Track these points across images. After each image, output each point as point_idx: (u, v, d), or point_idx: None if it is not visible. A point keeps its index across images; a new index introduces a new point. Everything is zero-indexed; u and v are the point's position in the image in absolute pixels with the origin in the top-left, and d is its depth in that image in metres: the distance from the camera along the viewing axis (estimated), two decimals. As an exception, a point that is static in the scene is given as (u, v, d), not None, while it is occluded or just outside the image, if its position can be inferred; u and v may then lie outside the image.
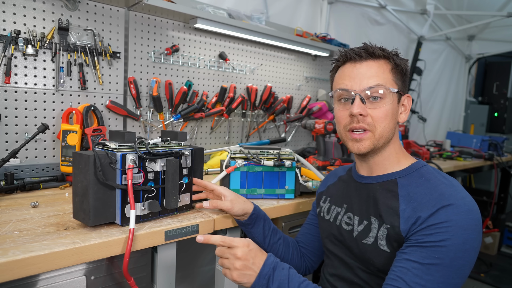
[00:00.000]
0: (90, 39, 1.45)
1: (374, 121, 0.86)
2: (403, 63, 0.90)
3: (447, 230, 0.72)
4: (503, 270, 3.16)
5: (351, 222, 0.93)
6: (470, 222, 0.73)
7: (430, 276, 0.72)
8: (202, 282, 1.97)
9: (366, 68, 0.87)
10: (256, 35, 1.88)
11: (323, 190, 1.13)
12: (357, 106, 0.85)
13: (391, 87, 0.87)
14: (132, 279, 0.87)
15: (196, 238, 0.83)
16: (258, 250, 0.82)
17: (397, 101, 0.89)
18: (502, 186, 3.50)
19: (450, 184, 0.80)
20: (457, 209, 0.73)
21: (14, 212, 0.99)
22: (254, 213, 1.05)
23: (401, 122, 0.92)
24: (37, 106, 1.36)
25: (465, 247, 0.72)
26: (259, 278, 0.77)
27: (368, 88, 0.86)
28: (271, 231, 1.08)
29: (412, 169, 0.88)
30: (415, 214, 0.77)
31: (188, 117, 1.78)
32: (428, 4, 3.17)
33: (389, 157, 0.91)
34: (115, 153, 0.89)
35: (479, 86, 4.51)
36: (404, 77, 0.91)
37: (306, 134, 2.44)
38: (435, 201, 0.76)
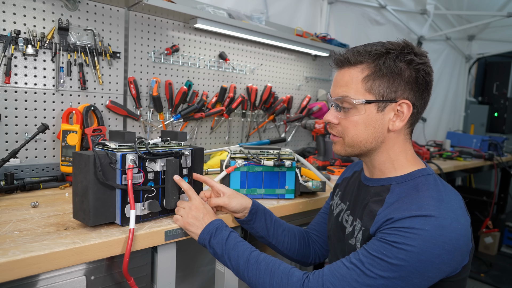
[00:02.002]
0: (90, 39, 1.45)
1: (343, 130, 0.87)
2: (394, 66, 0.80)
3: (405, 235, 0.71)
4: (503, 270, 3.16)
5: (349, 220, 0.94)
6: (435, 237, 0.70)
7: (370, 265, 0.73)
8: (202, 282, 1.98)
9: (340, 76, 0.86)
10: (256, 35, 1.88)
11: (339, 183, 1.12)
12: (329, 114, 0.88)
13: (361, 97, 0.81)
14: (132, 279, 0.87)
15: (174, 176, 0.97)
16: (211, 212, 0.98)
17: (377, 110, 0.82)
18: (502, 186, 3.50)
19: (438, 198, 0.76)
20: (425, 220, 0.71)
21: (14, 212, 0.99)
22: (253, 208, 1.05)
23: (393, 130, 0.84)
24: (37, 106, 1.36)
25: (420, 258, 0.70)
26: (203, 233, 0.92)
27: (335, 99, 0.86)
28: (274, 223, 1.08)
29: (410, 177, 0.84)
30: (388, 216, 0.77)
31: (188, 117, 1.78)
32: (428, 4, 3.16)
33: (384, 163, 0.88)
34: (115, 153, 0.89)
35: (479, 86, 4.51)
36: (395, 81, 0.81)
37: (306, 134, 2.44)
38: (411, 210, 0.74)
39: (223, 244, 0.89)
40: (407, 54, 0.81)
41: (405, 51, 0.81)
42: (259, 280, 0.83)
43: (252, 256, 0.86)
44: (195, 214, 0.95)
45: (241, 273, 0.87)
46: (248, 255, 0.87)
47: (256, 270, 0.84)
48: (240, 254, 0.87)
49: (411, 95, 0.82)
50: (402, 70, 0.80)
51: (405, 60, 0.80)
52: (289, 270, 0.82)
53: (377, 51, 0.81)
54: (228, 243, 0.89)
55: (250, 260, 0.86)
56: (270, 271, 0.82)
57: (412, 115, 0.84)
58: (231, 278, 1.16)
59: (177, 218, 0.98)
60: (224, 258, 0.89)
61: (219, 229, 0.92)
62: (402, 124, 0.84)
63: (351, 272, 0.75)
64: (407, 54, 0.81)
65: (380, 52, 0.81)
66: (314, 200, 1.35)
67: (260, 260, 0.85)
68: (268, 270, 0.83)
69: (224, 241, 0.90)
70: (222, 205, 1.04)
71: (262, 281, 0.83)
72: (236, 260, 0.87)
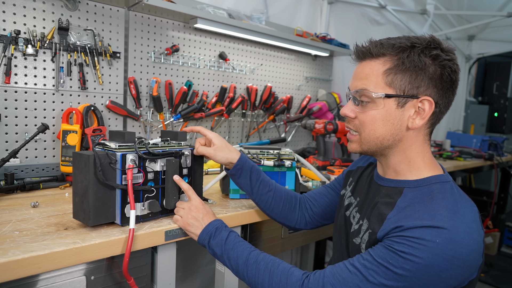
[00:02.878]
0: (90, 39, 1.45)
1: (360, 124, 0.84)
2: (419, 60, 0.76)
3: (414, 245, 0.68)
4: (503, 270, 3.16)
5: (356, 217, 0.92)
6: (445, 251, 0.66)
7: (374, 272, 0.71)
8: (202, 282, 1.98)
9: (361, 68, 0.83)
10: (256, 35, 1.88)
11: (352, 169, 1.09)
12: (346, 107, 0.85)
13: (381, 91, 0.78)
14: (132, 279, 0.87)
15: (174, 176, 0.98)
16: (211, 213, 0.98)
17: (397, 105, 0.79)
18: (502, 186, 3.49)
19: (453, 209, 0.72)
20: (437, 232, 0.67)
21: (14, 212, 0.99)
22: (238, 164, 1.03)
23: (412, 127, 0.80)
24: (37, 106, 1.36)
25: (427, 270, 0.67)
26: (203, 233, 0.93)
27: (354, 92, 0.83)
28: (260, 183, 1.06)
29: (425, 183, 0.80)
30: (398, 222, 0.73)
31: (188, 117, 1.78)
32: (428, 4, 3.16)
33: (399, 163, 0.84)
34: (115, 153, 0.89)
35: (479, 86, 4.51)
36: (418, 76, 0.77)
37: (306, 134, 2.44)
38: (423, 220, 0.70)
39: (223, 245, 0.90)
40: (433, 49, 0.77)
41: (431, 46, 0.77)
42: (258, 280, 0.83)
43: (251, 256, 0.86)
44: (195, 215, 0.95)
45: (240, 273, 0.87)
46: (247, 255, 0.86)
47: (256, 270, 0.84)
48: (239, 254, 0.87)
49: (435, 92, 0.78)
50: (426, 65, 0.76)
51: (430, 55, 0.77)
52: (289, 269, 0.81)
53: (402, 44, 0.78)
54: (227, 244, 0.89)
55: (249, 260, 0.85)
56: (269, 271, 0.82)
57: (433, 114, 0.79)
58: (231, 278, 1.16)
59: (176, 219, 0.98)
60: (224, 258, 0.89)
61: (219, 229, 0.92)
62: (422, 122, 0.79)
63: (354, 276, 0.73)
64: (433, 49, 0.77)
65: (405, 45, 0.78)
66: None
67: (260, 260, 0.85)
68: (267, 269, 0.83)
69: (223, 242, 0.90)
70: (207, 156, 1.03)
71: (262, 281, 0.82)
72: (236, 260, 0.87)
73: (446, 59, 0.77)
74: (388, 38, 0.82)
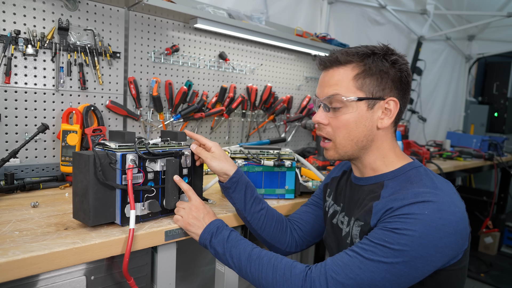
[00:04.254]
0: (90, 39, 1.45)
1: (333, 130, 0.88)
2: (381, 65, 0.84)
3: (405, 220, 0.73)
4: (503, 270, 3.16)
5: (344, 221, 0.95)
6: (435, 220, 0.72)
7: (372, 252, 0.74)
8: (202, 282, 1.98)
9: (330, 76, 0.88)
10: (256, 35, 1.88)
11: (327, 182, 1.13)
12: (317, 115, 0.89)
13: (353, 95, 0.84)
14: (132, 279, 0.87)
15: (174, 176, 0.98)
16: (211, 213, 0.98)
17: (367, 107, 0.85)
18: (502, 186, 3.49)
19: (432, 186, 0.79)
20: (424, 205, 0.73)
21: (14, 212, 0.99)
22: (234, 176, 1.02)
23: (382, 127, 0.87)
24: (37, 106, 1.36)
25: (422, 241, 0.71)
26: (204, 233, 0.93)
27: (325, 98, 0.87)
28: (253, 200, 1.05)
29: (401, 171, 0.87)
30: (387, 206, 0.78)
31: (188, 117, 1.78)
32: (428, 4, 3.16)
33: (375, 161, 0.90)
34: (115, 153, 0.89)
35: (479, 86, 4.51)
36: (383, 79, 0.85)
37: (306, 134, 2.44)
38: (409, 199, 0.76)
39: (224, 243, 0.90)
40: (391, 55, 0.86)
41: (389, 52, 0.86)
42: (262, 274, 0.83)
43: (253, 252, 0.87)
44: (196, 215, 0.95)
45: (243, 270, 0.86)
46: (250, 251, 0.87)
47: (259, 265, 0.84)
48: (241, 251, 0.87)
49: (396, 93, 0.87)
50: (389, 69, 0.85)
51: (391, 60, 0.85)
52: (292, 263, 0.82)
53: (364, 52, 0.86)
54: (229, 241, 0.90)
55: (252, 256, 0.86)
56: (272, 265, 0.82)
57: (398, 113, 0.88)
58: (231, 278, 1.16)
59: (177, 219, 0.98)
60: (226, 256, 0.89)
61: (220, 228, 0.93)
62: (390, 121, 0.87)
63: (354, 259, 0.75)
64: (391, 55, 0.86)
65: (367, 52, 0.85)
66: (314, 200, 1.35)
67: (262, 256, 0.85)
68: (270, 264, 0.83)
69: (225, 240, 0.90)
70: (203, 159, 1.02)
71: (265, 275, 0.82)
72: (238, 257, 0.87)
73: (403, 63, 0.87)
74: (348, 48, 0.90)
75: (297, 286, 0.78)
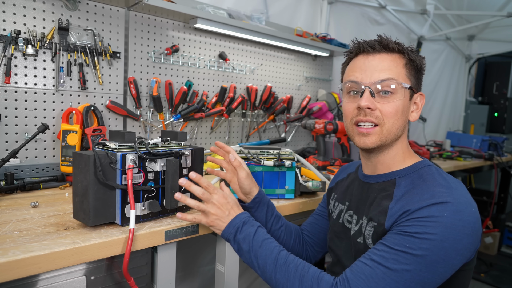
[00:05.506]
0: (90, 39, 1.45)
1: (383, 116, 0.83)
2: (419, 60, 0.87)
3: (426, 224, 0.71)
4: (503, 270, 3.16)
5: (351, 220, 0.93)
6: (455, 222, 0.70)
7: (395, 261, 0.71)
8: (202, 282, 1.98)
9: (379, 60, 0.84)
10: (256, 35, 1.88)
11: (332, 186, 1.12)
12: (366, 99, 0.82)
13: (404, 82, 0.83)
14: (132, 279, 0.87)
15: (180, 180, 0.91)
16: (234, 204, 0.93)
17: (409, 98, 0.86)
18: (502, 186, 3.50)
19: (447, 185, 0.77)
20: (443, 207, 0.71)
21: (14, 212, 0.99)
22: (258, 196, 1.04)
23: (412, 120, 0.88)
24: (37, 106, 1.36)
25: (443, 245, 0.69)
26: (229, 227, 0.88)
27: (379, 82, 0.82)
28: (274, 218, 1.07)
29: (413, 169, 0.85)
30: (403, 208, 0.76)
31: (188, 117, 1.78)
32: (428, 4, 3.16)
33: (395, 156, 0.88)
34: (115, 153, 0.89)
35: (479, 86, 4.51)
36: (418, 74, 0.88)
37: (306, 134, 2.44)
38: (426, 200, 0.74)
39: (250, 240, 0.85)
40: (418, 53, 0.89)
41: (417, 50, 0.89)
42: (288, 282, 0.79)
43: (280, 256, 0.83)
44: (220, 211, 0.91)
45: (267, 274, 0.83)
46: (277, 255, 0.83)
47: (285, 272, 0.80)
48: (268, 253, 0.83)
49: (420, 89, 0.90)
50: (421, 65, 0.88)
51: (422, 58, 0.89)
52: (319, 274, 0.79)
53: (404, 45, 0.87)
54: (256, 239, 0.85)
55: (278, 261, 0.82)
56: (299, 275, 0.79)
57: None
58: (231, 278, 1.16)
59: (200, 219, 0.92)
60: (251, 255, 0.85)
61: (246, 223, 0.89)
62: (418, 115, 0.89)
63: (376, 270, 0.72)
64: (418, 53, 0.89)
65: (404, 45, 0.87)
66: (314, 200, 1.35)
67: (289, 262, 0.82)
68: (297, 273, 0.79)
69: (251, 237, 0.86)
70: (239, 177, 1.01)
71: (292, 283, 0.79)
72: (264, 259, 0.83)
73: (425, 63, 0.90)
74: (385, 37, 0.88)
75: None
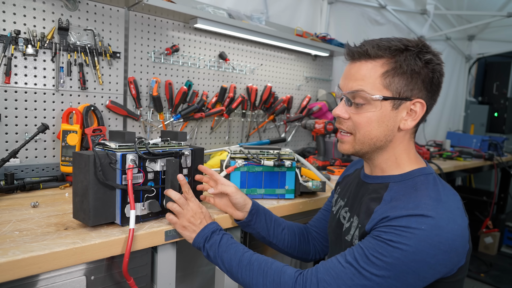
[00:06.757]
0: (90, 39, 1.45)
1: (354, 126, 0.84)
2: (414, 64, 0.78)
3: (401, 234, 0.70)
4: (503, 270, 3.16)
5: (346, 217, 0.95)
6: (431, 237, 0.68)
7: (366, 265, 0.72)
8: (202, 282, 1.97)
9: (357, 69, 0.82)
10: (256, 35, 1.88)
11: (340, 181, 1.12)
12: (339, 108, 0.85)
13: (378, 94, 0.79)
14: (132, 279, 0.87)
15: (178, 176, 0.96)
16: (208, 216, 0.97)
17: (392, 107, 0.80)
18: (502, 186, 3.50)
19: (436, 198, 0.75)
20: (422, 219, 0.70)
21: (14, 212, 0.99)
22: (253, 208, 1.04)
23: (404, 129, 0.82)
24: (37, 106, 1.36)
25: (415, 257, 0.69)
26: (198, 237, 0.92)
27: (349, 93, 0.82)
28: (274, 223, 1.07)
29: (409, 176, 0.83)
30: (384, 214, 0.75)
31: (188, 117, 1.78)
32: (428, 4, 3.16)
33: (387, 160, 0.87)
34: (115, 153, 0.89)
35: (479, 86, 4.51)
36: (413, 79, 0.79)
37: (306, 134, 2.44)
38: (408, 210, 0.73)
39: (216, 247, 0.90)
40: (425, 53, 0.79)
41: (424, 50, 0.79)
42: (252, 280, 0.83)
43: (244, 257, 0.86)
44: (193, 220, 0.94)
45: (234, 275, 0.87)
46: (240, 257, 0.87)
47: (249, 271, 0.84)
48: (232, 256, 0.87)
49: (425, 95, 0.81)
50: (421, 69, 0.78)
51: (424, 60, 0.78)
52: (281, 268, 0.82)
53: (397, 47, 0.79)
54: (221, 246, 0.90)
55: (242, 262, 0.86)
56: (263, 271, 0.82)
57: (423, 115, 0.82)
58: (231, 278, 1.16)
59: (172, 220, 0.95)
60: (217, 260, 0.89)
61: (214, 233, 0.93)
62: (414, 123, 0.82)
63: (347, 271, 0.74)
64: (426, 53, 0.79)
65: (400, 48, 0.79)
66: (314, 200, 1.35)
67: (253, 261, 0.85)
68: (260, 270, 0.83)
69: (217, 244, 0.90)
70: (229, 193, 1.02)
71: (256, 281, 0.82)
72: (229, 262, 0.87)
73: (437, 63, 0.80)
74: (380, 39, 0.82)
75: None
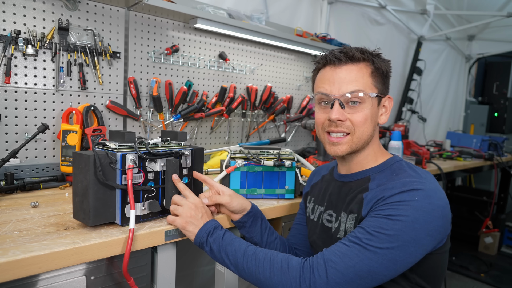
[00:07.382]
0: (90, 39, 1.45)
1: (353, 125, 0.90)
2: (384, 65, 0.92)
3: (398, 207, 0.78)
4: (503, 270, 3.16)
5: (331, 219, 0.96)
6: (425, 205, 0.77)
7: (369, 240, 0.77)
8: (202, 282, 1.98)
9: (346, 72, 0.89)
10: (256, 35, 1.88)
11: (308, 190, 1.15)
12: (336, 112, 0.89)
13: (371, 91, 0.89)
14: (132, 279, 0.87)
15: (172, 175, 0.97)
16: (209, 212, 0.99)
17: (377, 104, 0.92)
18: (502, 186, 3.50)
19: (417, 176, 0.84)
20: (413, 193, 0.79)
21: (14, 212, 0.99)
22: (252, 211, 1.05)
23: (381, 123, 0.95)
24: (37, 106, 1.36)
25: (414, 226, 0.76)
26: (201, 231, 0.92)
27: (347, 94, 0.88)
28: (268, 230, 1.08)
29: (386, 165, 0.93)
30: (378, 196, 0.83)
31: (188, 117, 1.78)
32: (428, 4, 3.16)
33: (367, 156, 0.95)
34: (115, 153, 0.89)
35: (479, 86, 4.51)
36: (385, 79, 0.93)
37: (306, 134, 2.44)
38: (398, 188, 0.81)
39: (220, 241, 0.90)
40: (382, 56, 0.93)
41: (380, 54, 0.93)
42: (259, 269, 0.83)
43: (249, 248, 0.87)
44: (194, 213, 0.94)
45: (239, 266, 0.86)
46: (245, 248, 0.87)
47: (255, 260, 0.84)
48: (237, 248, 0.88)
49: (388, 91, 0.96)
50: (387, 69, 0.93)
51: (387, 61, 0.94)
52: (288, 256, 0.83)
53: (369, 52, 0.92)
54: (224, 240, 0.90)
55: (247, 252, 0.86)
56: (269, 259, 0.83)
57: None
58: (231, 278, 1.16)
59: (173, 219, 0.95)
60: (221, 254, 0.89)
61: (216, 228, 0.93)
62: (387, 117, 0.95)
63: (351, 249, 0.77)
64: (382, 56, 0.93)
65: (371, 52, 0.92)
66: (314, 200, 1.35)
67: (258, 252, 0.86)
68: (267, 258, 0.83)
69: (220, 238, 0.91)
70: (224, 203, 1.03)
71: (262, 269, 0.82)
72: (234, 254, 0.87)
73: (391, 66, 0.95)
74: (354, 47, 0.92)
75: (295, 277, 0.78)
